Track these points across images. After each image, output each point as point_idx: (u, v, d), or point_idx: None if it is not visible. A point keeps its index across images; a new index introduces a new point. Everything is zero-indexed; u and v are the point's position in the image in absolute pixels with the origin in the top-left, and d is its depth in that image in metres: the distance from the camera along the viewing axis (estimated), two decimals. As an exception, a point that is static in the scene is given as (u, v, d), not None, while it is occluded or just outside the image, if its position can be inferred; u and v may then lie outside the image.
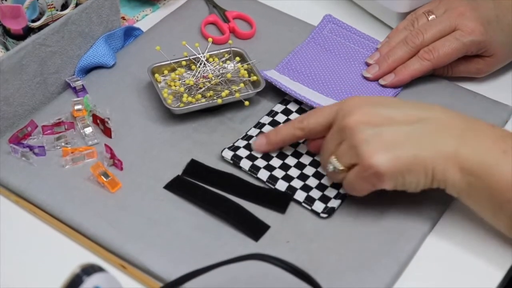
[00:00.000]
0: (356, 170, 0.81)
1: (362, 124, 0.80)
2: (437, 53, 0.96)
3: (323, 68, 1.00)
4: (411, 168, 0.79)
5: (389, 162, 0.79)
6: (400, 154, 0.79)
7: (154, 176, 0.88)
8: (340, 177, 0.83)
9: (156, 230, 0.83)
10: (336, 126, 0.83)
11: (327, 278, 0.78)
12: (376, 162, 0.79)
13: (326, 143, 0.84)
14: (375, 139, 0.79)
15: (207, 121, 0.95)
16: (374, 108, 0.81)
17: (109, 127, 0.92)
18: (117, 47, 1.03)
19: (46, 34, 0.93)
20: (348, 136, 0.81)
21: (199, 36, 1.06)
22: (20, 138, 0.91)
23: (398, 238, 0.83)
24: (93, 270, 0.67)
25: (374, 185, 0.81)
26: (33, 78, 0.94)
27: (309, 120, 0.86)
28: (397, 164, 0.79)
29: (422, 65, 0.97)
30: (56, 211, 0.85)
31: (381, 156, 0.79)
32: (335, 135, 0.83)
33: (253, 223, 0.84)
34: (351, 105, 0.82)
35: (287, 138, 0.88)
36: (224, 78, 0.97)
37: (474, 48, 0.97)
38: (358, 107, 0.81)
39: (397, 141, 0.79)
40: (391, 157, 0.79)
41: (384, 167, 0.79)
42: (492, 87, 1.01)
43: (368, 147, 0.79)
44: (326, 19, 1.06)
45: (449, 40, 0.96)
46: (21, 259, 0.82)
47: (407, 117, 0.80)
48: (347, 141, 0.81)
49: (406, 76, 0.98)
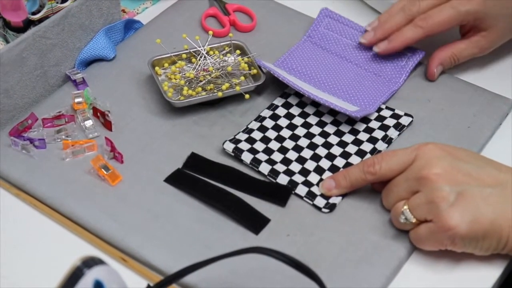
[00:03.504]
0: (429, 227, 0.78)
1: (443, 179, 0.77)
2: (431, 21, 0.95)
3: (318, 66, 1.00)
4: (487, 234, 0.76)
5: (467, 226, 0.76)
6: (480, 218, 0.76)
7: (154, 169, 0.88)
8: (408, 227, 0.81)
9: (157, 223, 0.83)
10: (412, 174, 0.79)
11: (327, 271, 0.78)
12: (455, 225, 0.76)
13: (397, 186, 0.81)
14: (456, 199, 0.76)
15: (208, 114, 0.95)
16: (455, 162, 0.78)
17: (109, 120, 0.92)
18: (117, 40, 1.03)
19: (46, 27, 0.93)
20: (427, 190, 0.78)
21: (199, 29, 1.06)
22: (21, 131, 0.91)
23: (398, 232, 0.83)
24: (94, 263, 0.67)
25: (445, 246, 0.78)
26: (33, 71, 0.94)
27: (381, 165, 0.82)
28: (475, 228, 0.76)
29: (414, 32, 0.96)
30: (57, 204, 0.85)
31: (460, 219, 0.76)
32: (410, 183, 0.79)
33: (253, 216, 0.84)
34: (430, 155, 0.79)
35: (356, 183, 0.84)
36: (224, 71, 0.96)
37: (470, 17, 0.95)
38: (437, 159, 0.78)
39: (478, 204, 0.76)
40: (470, 221, 0.76)
41: (462, 231, 0.76)
42: (492, 80, 1.01)
43: (448, 207, 0.76)
44: (323, 13, 1.06)
45: (445, 8, 0.95)
46: (22, 252, 0.82)
47: (488, 177, 0.78)
48: (424, 194, 0.78)
49: (399, 43, 0.97)
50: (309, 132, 0.92)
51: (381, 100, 0.96)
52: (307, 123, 0.93)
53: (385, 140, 0.91)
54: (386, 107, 0.95)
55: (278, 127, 0.93)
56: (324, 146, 0.91)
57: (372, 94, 0.96)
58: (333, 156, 0.90)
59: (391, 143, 0.91)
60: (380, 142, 0.91)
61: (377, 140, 0.91)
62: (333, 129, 0.93)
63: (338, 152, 0.90)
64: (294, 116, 0.94)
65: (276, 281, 0.78)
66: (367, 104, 0.95)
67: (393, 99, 0.97)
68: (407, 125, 0.93)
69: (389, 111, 0.95)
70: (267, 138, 0.91)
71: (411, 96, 0.98)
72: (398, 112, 0.95)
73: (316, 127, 0.93)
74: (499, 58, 1.03)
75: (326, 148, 0.91)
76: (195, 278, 0.76)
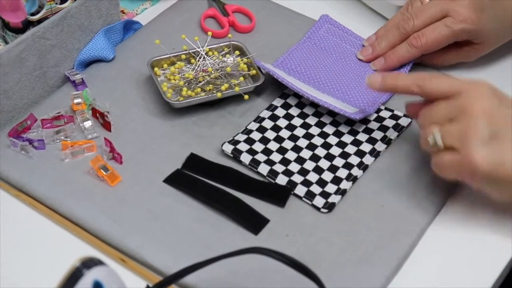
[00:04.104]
0: (454, 157, 0.78)
1: (483, 116, 0.77)
2: (425, 40, 0.95)
3: (318, 67, 1.00)
4: (505, 181, 0.77)
5: (491, 167, 0.76)
6: (506, 163, 0.77)
7: (153, 170, 0.88)
8: (434, 151, 0.81)
9: (156, 223, 0.83)
10: (456, 102, 0.79)
11: (326, 271, 0.78)
12: (480, 162, 0.76)
13: (435, 111, 0.81)
14: (488, 139, 0.77)
15: (207, 115, 0.95)
16: (502, 107, 0.79)
17: (108, 120, 0.92)
18: (116, 40, 1.03)
19: (45, 28, 0.93)
20: (465, 121, 0.78)
21: (198, 30, 1.06)
22: (20, 132, 0.91)
23: (398, 232, 0.83)
24: (93, 264, 0.67)
25: (464, 179, 0.79)
26: (33, 72, 0.94)
27: (432, 82, 0.82)
28: (498, 171, 0.77)
29: (409, 52, 0.97)
30: (56, 204, 0.85)
31: (486, 158, 0.76)
32: (451, 109, 0.80)
33: (252, 217, 0.84)
34: (480, 90, 0.79)
35: (400, 87, 0.85)
36: (223, 72, 0.97)
37: (464, 35, 0.96)
38: (487, 97, 0.79)
39: (509, 149, 0.77)
40: (496, 163, 0.76)
41: (484, 170, 0.77)
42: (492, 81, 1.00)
43: (478, 144, 0.77)
44: (323, 19, 1.06)
45: (439, 27, 0.95)
46: (21, 252, 0.82)
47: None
48: (460, 124, 0.78)
49: (394, 61, 0.98)
50: (308, 132, 0.93)
51: (381, 101, 0.96)
52: (306, 124, 0.93)
53: (384, 140, 0.92)
54: (386, 108, 0.96)
55: (277, 127, 0.93)
56: (323, 146, 0.91)
57: (371, 94, 0.96)
58: (332, 157, 0.90)
59: (390, 144, 0.92)
60: (379, 143, 0.91)
61: (376, 141, 0.91)
62: (332, 130, 0.93)
63: (337, 152, 0.90)
64: (293, 117, 0.94)
65: (276, 281, 0.78)
66: (366, 105, 0.95)
67: (393, 100, 0.97)
68: (406, 126, 0.93)
69: (388, 112, 0.95)
70: (266, 139, 0.91)
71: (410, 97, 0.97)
72: (397, 113, 0.95)
73: (315, 128, 0.93)
74: (499, 58, 1.04)
75: (325, 149, 0.91)
76: (195, 278, 0.76)
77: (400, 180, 0.87)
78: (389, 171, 0.89)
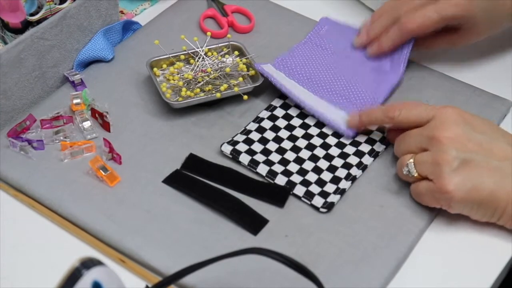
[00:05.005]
0: (429, 185, 0.81)
1: (452, 144, 0.79)
2: (416, 24, 0.95)
3: (318, 66, 0.99)
4: (483, 204, 0.79)
5: (465, 193, 0.78)
6: (479, 187, 0.78)
7: (152, 170, 0.88)
8: (410, 180, 0.84)
9: (155, 224, 0.83)
10: (426, 131, 0.82)
11: (326, 271, 0.78)
12: (453, 190, 0.78)
13: (409, 139, 0.84)
14: (459, 165, 0.78)
15: (206, 115, 0.95)
16: (469, 130, 0.80)
17: (107, 121, 0.92)
18: (115, 41, 1.03)
19: (44, 28, 0.93)
20: (435, 150, 0.80)
21: (197, 30, 1.06)
22: (19, 132, 0.91)
23: (397, 232, 0.83)
24: (92, 264, 0.67)
25: (442, 206, 0.81)
26: (32, 72, 0.94)
27: (401, 113, 0.85)
28: (472, 196, 0.78)
29: (401, 36, 0.97)
30: (55, 205, 0.85)
31: (459, 185, 0.78)
32: (422, 139, 0.82)
33: (251, 217, 0.84)
34: (448, 118, 0.81)
35: (374, 121, 0.89)
36: (223, 72, 0.97)
37: (454, 21, 0.95)
38: (453, 123, 0.81)
39: (481, 173, 0.78)
40: (469, 188, 0.78)
41: (458, 197, 0.79)
42: (491, 81, 1.01)
43: (450, 171, 0.78)
44: (323, 21, 1.06)
45: (430, 11, 0.95)
46: (20, 253, 0.82)
47: (499, 151, 0.80)
48: (431, 153, 0.80)
49: (389, 45, 0.98)
50: (307, 133, 0.93)
51: (380, 100, 0.95)
52: (305, 124, 0.93)
53: (383, 142, 0.92)
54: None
55: (276, 128, 0.93)
56: (322, 146, 0.91)
57: (371, 92, 0.96)
58: (331, 157, 0.90)
59: (389, 144, 0.91)
60: (378, 144, 0.91)
61: (375, 142, 0.91)
62: (331, 130, 0.93)
63: (336, 152, 0.90)
64: (292, 117, 0.94)
65: (275, 282, 0.78)
66: (367, 102, 0.95)
67: (392, 100, 0.97)
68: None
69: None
70: (265, 139, 0.91)
71: (409, 97, 0.98)
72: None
73: (314, 128, 0.93)
74: (498, 59, 1.04)
75: (324, 149, 0.91)
76: (194, 279, 0.76)
77: (399, 180, 0.87)
78: (388, 171, 0.89)
